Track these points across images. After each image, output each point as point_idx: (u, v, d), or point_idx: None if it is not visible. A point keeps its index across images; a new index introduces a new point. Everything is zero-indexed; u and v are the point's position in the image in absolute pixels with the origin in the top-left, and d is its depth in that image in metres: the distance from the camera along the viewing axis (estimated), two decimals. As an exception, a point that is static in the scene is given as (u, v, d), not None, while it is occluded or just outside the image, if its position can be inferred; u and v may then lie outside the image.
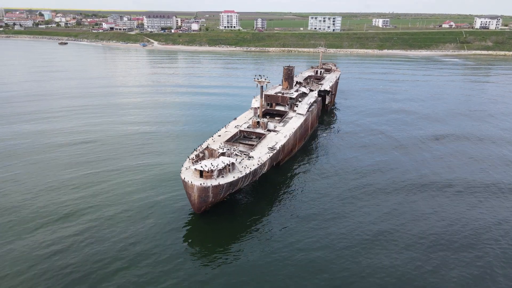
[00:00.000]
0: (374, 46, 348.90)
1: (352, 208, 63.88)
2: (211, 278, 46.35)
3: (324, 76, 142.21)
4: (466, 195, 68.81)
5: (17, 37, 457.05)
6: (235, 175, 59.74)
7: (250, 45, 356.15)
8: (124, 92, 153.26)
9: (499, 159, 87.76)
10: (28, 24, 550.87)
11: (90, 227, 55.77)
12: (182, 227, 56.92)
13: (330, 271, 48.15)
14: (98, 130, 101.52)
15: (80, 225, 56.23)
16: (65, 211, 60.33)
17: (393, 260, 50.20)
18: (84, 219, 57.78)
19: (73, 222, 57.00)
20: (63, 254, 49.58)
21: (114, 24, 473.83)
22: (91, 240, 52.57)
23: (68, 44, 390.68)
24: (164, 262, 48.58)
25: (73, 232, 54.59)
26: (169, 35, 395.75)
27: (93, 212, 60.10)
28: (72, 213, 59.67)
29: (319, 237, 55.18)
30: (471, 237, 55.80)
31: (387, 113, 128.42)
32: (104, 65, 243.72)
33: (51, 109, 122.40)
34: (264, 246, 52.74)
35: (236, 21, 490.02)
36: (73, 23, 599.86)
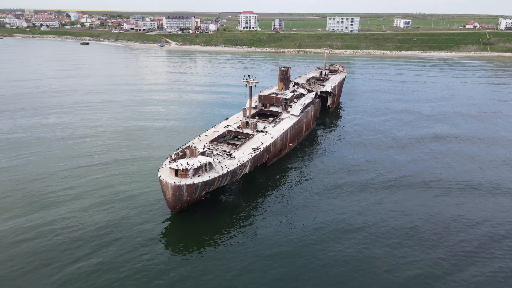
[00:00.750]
0: (392, 47, 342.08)
1: (331, 204, 64.73)
2: (170, 271, 46.85)
3: (328, 77, 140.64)
4: (451, 194, 66.92)
5: (42, 37, 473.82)
6: (211, 175, 60.02)
7: (266, 45, 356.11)
8: (135, 90, 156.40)
9: (495, 160, 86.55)
10: (54, 24, 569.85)
11: (65, 217, 57.84)
12: (156, 223, 57.71)
13: (300, 264, 48.28)
14: (102, 125, 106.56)
15: (56, 215, 58.35)
16: (44, 201, 63.17)
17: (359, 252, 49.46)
18: (62, 209, 59.83)
19: (49, 212, 59.61)
20: (32, 241, 52.18)
21: (134, 24, 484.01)
22: (62, 230, 54.65)
23: (89, 44, 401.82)
24: (128, 255, 49.74)
25: (46, 221, 57.21)
26: (186, 35, 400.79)
27: (72, 203, 62.59)
28: (51, 204, 62.44)
29: (297, 234, 55.76)
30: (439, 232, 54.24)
31: (390, 113, 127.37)
32: (120, 63, 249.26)
33: (63, 105, 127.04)
34: (240, 246, 52.82)
35: (255, 22, 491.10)
36: (97, 24, 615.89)
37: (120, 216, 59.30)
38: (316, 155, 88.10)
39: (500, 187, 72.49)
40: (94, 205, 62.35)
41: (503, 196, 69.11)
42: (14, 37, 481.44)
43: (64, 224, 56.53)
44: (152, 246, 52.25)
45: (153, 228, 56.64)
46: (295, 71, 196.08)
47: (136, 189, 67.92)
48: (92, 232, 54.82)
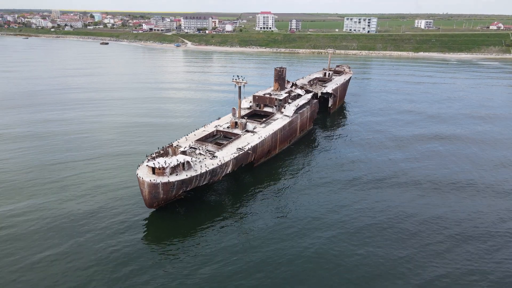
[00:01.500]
0: (409, 49, 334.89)
1: (314, 203, 65.07)
2: (140, 265, 47.69)
3: (332, 78, 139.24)
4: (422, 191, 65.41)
5: (65, 37, 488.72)
6: (188, 174, 60.64)
7: (281, 46, 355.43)
8: (143, 88, 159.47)
9: (492, 161, 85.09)
10: (78, 25, 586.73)
11: (45, 207, 59.84)
12: (133, 219, 58.82)
13: (275, 267, 48.18)
14: (106, 121, 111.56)
15: (38, 204, 60.35)
16: (28, 191, 66.48)
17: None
18: (44, 199, 61.95)
19: (31, 201, 62.11)
20: (5, 230, 55.06)
21: (153, 25, 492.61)
22: (38, 220, 56.79)
23: (109, 44, 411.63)
24: (98, 246, 51.06)
25: (27, 210, 60.14)
26: (202, 35, 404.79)
27: (55, 194, 65.14)
28: (34, 194, 65.57)
29: (276, 233, 56.07)
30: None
31: (394, 113, 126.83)
32: (133, 63, 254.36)
33: (72, 101, 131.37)
34: (218, 244, 53.18)
35: (272, 22, 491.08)
36: (118, 24, 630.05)
37: (99, 209, 61.10)
38: (308, 156, 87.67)
39: (492, 188, 71.64)
40: (76, 197, 64.76)
41: (494, 196, 67.23)
42: (39, 37, 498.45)
43: (41, 214, 59.05)
44: (123, 239, 53.41)
45: (128, 221, 58.10)
46: (306, 72, 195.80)
47: (122, 184, 69.45)
48: (67, 223, 56.98)
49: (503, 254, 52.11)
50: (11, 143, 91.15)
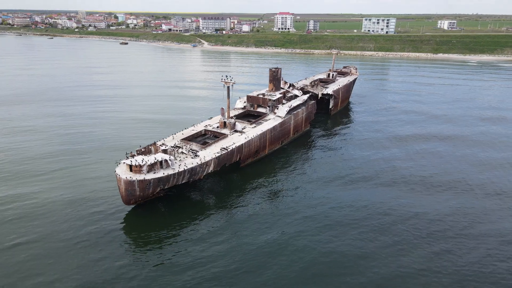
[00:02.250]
0: (428, 50, 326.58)
1: (296, 202, 65.50)
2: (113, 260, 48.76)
3: (336, 79, 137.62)
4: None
5: (88, 37, 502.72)
6: (165, 172, 61.44)
7: (296, 47, 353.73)
8: (151, 85, 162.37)
9: (488, 161, 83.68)
10: (101, 25, 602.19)
11: (27, 196, 61.77)
12: (111, 214, 60.20)
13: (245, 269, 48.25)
14: (110, 116, 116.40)
15: (25, 192, 62.48)
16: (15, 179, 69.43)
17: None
18: (30, 187, 64.02)
19: (17, 189, 63.97)
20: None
21: (173, 25, 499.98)
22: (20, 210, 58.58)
23: (128, 44, 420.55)
24: (68, 241, 52.27)
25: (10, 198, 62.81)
26: (219, 36, 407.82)
27: (40, 184, 66.90)
28: (21, 183, 67.45)
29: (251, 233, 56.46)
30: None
31: (397, 113, 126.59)
32: (147, 61, 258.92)
33: (83, 97, 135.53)
34: (186, 245, 53.62)
35: (291, 23, 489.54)
36: (140, 25, 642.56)
37: (79, 201, 63.49)
38: (299, 156, 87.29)
39: (482, 188, 71.07)
40: (61, 188, 67.40)
41: (486, 197, 65.04)
42: (63, 37, 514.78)
43: (23, 203, 61.74)
44: (95, 230, 55.09)
45: (105, 214, 60.02)
46: (319, 72, 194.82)
47: (108, 177, 71.01)
48: (45, 213, 59.49)
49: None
50: (16, 135, 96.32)
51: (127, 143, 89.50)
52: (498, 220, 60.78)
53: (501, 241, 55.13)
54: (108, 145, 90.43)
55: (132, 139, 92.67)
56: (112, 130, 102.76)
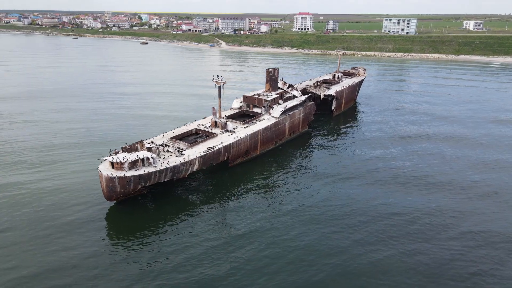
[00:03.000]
0: (449, 51, 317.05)
1: (281, 202, 65.29)
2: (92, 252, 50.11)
3: (341, 80, 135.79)
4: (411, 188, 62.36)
5: (111, 37, 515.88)
6: (147, 169, 62.42)
7: (313, 47, 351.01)
8: (161, 83, 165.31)
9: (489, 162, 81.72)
10: (125, 26, 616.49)
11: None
12: (94, 208, 61.93)
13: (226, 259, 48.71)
14: (116, 112, 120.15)
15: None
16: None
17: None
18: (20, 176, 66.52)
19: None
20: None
21: (193, 26, 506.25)
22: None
23: (148, 44, 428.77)
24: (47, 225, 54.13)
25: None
26: (237, 36, 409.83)
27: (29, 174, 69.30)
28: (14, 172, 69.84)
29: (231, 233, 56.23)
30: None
31: (402, 114, 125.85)
32: (162, 61, 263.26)
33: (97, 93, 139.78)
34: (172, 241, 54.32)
35: (310, 23, 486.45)
36: (163, 25, 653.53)
37: (64, 195, 65.60)
38: (292, 157, 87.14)
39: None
40: (49, 180, 70.34)
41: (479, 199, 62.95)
42: (88, 37, 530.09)
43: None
44: (74, 221, 56.46)
45: (87, 209, 61.64)
46: (330, 73, 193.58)
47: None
48: (28, 202, 61.98)
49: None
50: (25, 128, 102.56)
51: (126, 138, 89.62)
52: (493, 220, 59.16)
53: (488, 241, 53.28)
54: (107, 140, 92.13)
55: (132, 135, 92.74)
56: (115, 125, 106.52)
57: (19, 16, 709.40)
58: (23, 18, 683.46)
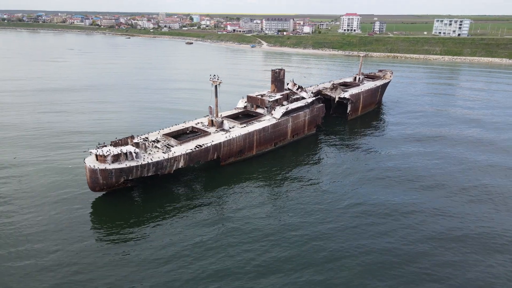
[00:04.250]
0: (504, 55, 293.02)
1: (268, 204, 65.19)
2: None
3: (362, 83, 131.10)
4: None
5: (160, 37, 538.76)
6: (128, 163, 64.90)
7: (355, 49, 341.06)
8: (179, 80, 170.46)
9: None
10: (175, 26, 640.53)
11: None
12: (78, 195, 65.58)
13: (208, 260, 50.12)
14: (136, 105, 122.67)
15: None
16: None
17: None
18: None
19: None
20: None
21: (238, 26, 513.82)
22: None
23: (193, 43, 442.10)
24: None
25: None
26: (279, 37, 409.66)
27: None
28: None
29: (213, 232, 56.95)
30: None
31: (424, 117, 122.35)
32: (199, 59, 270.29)
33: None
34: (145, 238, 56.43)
35: (357, 24, 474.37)
36: (211, 26, 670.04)
37: (58, 181, 69.99)
38: (290, 159, 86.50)
39: None
40: (48, 169, 74.49)
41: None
42: (140, 36, 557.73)
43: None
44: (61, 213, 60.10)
45: (74, 196, 65.29)
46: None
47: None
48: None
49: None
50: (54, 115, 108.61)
51: (134, 131, 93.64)
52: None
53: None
54: (118, 132, 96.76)
55: (141, 128, 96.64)
56: (130, 117, 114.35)
57: (82, 17, 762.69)
58: (85, 19, 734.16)
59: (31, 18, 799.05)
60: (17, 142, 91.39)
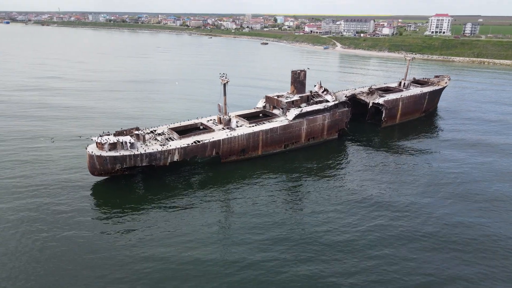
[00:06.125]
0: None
1: (255, 209, 64.06)
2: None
3: (408, 89, 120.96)
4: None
5: (240, 37, 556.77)
6: (122, 152, 69.95)
7: (435, 53, 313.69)
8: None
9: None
10: (257, 27, 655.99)
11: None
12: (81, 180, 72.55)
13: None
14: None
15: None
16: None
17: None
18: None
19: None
20: None
21: (315, 27, 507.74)
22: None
23: (268, 44, 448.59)
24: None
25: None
26: (354, 39, 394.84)
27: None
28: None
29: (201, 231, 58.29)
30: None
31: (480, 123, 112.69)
32: (264, 59, 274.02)
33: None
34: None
35: (447, 26, 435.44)
36: (293, 27, 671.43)
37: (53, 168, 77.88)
38: (298, 163, 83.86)
39: None
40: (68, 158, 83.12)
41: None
42: (221, 36, 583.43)
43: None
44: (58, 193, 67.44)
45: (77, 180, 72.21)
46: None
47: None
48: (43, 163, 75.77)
49: None
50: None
51: (170, 120, 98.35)
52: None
53: None
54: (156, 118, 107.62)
55: (177, 117, 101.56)
56: (174, 108, 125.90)
57: (174, 18, 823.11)
58: (176, 20, 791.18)
59: (133, 20, 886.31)
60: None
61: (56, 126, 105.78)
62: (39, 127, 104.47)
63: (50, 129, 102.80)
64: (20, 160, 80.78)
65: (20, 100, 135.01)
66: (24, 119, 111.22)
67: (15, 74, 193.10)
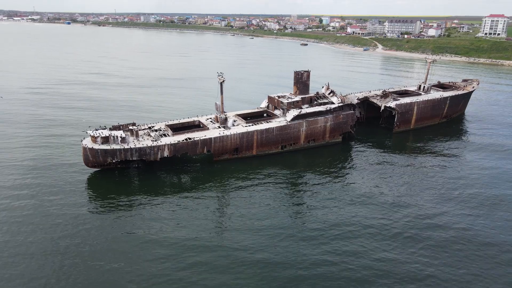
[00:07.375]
0: None
1: (245, 208, 64.37)
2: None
3: (426, 93, 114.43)
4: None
5: (281, 38, 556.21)
6: (113, 146, 73.02)
7: (483, 56, 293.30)
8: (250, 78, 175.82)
9: None
10: (300, 28, 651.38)
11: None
12: (76, 171, 76.75)
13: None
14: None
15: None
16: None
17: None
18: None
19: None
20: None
21: (358, 28, 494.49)
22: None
23: (307, 45, 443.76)
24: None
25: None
26: (397, 40, 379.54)
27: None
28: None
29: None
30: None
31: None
32: (297, 60, 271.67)
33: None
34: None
35: (503, 27, 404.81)
36: (337, 28, 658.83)
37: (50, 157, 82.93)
38: (293, 165, 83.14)
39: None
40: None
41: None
42: (262, 37, 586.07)
43: None
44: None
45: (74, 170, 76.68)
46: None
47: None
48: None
49: None
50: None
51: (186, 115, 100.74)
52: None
53: None
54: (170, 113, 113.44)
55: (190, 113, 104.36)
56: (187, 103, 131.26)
57: (220, 19, 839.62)
58: (221, 21, 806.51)
59: (181, 20, 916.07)
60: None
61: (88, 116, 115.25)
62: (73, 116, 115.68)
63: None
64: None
65: (70, 93, 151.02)
66: (69, 110, 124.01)
67: (67, 70, 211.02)
